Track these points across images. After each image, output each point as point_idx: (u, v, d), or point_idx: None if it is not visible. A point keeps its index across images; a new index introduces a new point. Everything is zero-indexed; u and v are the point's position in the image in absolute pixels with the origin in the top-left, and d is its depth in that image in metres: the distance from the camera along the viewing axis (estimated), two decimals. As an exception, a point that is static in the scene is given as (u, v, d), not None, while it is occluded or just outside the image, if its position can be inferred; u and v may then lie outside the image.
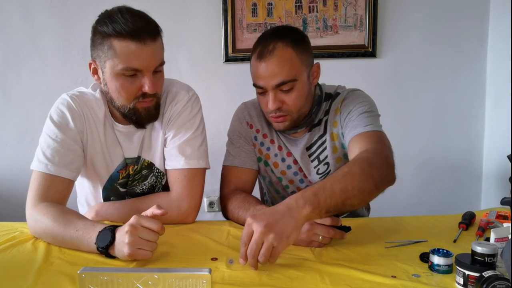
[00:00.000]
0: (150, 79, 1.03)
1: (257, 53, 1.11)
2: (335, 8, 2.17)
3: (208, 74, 2.21)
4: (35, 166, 1.06)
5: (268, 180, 1.34)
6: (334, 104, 1.22)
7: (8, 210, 2.23)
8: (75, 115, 1.10)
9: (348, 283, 0.78)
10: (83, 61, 2.18)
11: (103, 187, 1.20)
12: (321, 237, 0.94)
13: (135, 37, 0.98)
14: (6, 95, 2.21)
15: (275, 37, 1.11)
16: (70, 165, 1.08)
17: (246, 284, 0.78)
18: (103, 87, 1.09)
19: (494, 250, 0.76)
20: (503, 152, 2.12)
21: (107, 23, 1.00)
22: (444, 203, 2.26)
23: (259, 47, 1.11)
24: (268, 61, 1.09)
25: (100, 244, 0.87)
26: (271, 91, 1.11)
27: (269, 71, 1.09)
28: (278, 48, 1.09)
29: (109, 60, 1.01)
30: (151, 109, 1.09)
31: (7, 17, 2.15)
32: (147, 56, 1.01)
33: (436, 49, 2.23)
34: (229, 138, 1.32)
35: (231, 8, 2.14)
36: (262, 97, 1.16)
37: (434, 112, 2.29)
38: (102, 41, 1.01)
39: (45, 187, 1.03)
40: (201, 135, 1.18)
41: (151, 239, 0.85)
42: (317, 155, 1.25)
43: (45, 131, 1.10)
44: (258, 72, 1.11)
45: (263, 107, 1.19)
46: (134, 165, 1.19)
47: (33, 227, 1.01)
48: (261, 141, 1.29)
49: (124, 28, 0.98)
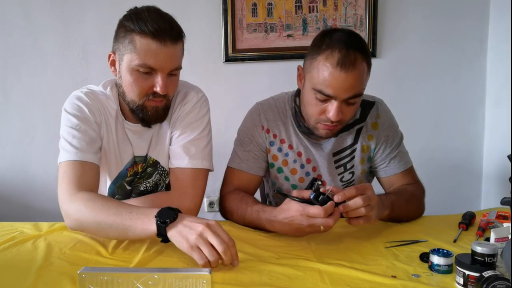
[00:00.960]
0: (164, 79, 1.04)
1: (336, 60, 1.02)
2: (335, 8, 2.17)
3: (208, 74, 2.21)
4: (63, 158, 1.05)
5: (278, 186, 1.30)
6: (369, 117, 1.22)
7: (8, 210, 2.24)
8: (92, 109, 1.11)
9: (348, 283, 0.78)
10: (83, 61, 2.18)
11: (111, 184, 1.21)
12: (322, 227, 0.93)
13: (157, 37, 1.00)
14: (6, 95, 2.21)
15: (354, 47, 1.04)
16: (97, 153, 1.09)
17: (246, 284, 0.78)
18: (118, 79, 1.10)
19: (494, 250, 0.76)
20: (503, 152, 2.12)
21: (133, 19, 1.02)
22: (444, 203, 2.26)
23: (338, 53, 1.02)
24: (350, 73, 1.02)
25: (161, 217, 0.86)
26: (339, 102, 1.06)
27: (348, 83, 1.03)
28: (358, 60, 1.03)
29: (128, 54, 1.03)
30: (159, 110, 1.10)
31: (7, 17, 2.15)
32: (165, 57, 1.02)
33: (436, 49, 2.23)
34: (239, 138, 1.27)
35: (231, 8, 2.14)
36: (319, 103, 1.08)
37: (434, 112, 2.29)
38: (125, 35, 1.03)
39: (77, 176, 1.02)
40: (207, 136, 1.18)
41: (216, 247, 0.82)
42: (345, 163, 1.24)
43: (66, 124, 1.09)
44: (335, 81, 1.03)
45: (314, 113, 1.11)
46: (142, 163, 1.20)
47: (75, 217, 0.97)
48: (279, 146, 1.24)
49: (148, 26, 1.00)
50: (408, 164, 1.26)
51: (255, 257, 0.91)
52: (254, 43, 2.16)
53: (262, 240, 1.01)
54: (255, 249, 0.95)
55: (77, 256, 0.92)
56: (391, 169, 1.24)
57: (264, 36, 2.16)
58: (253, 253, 0.93)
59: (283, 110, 1.25)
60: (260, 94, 1.31)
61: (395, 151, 1.24)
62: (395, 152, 1.24)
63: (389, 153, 1.24)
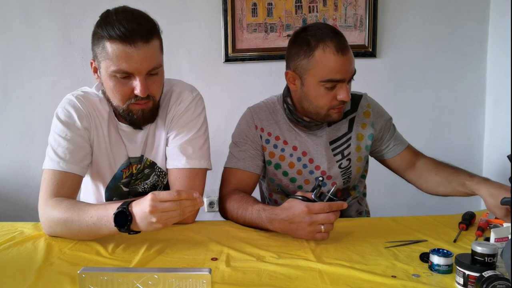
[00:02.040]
0: (142, 82, 1.02)
1: (334, 49, 1.12)
2: (335, 8, 2.17)
3: (208, 74, 2.21)
4: (46, 165, 1.07)
5: (277, 183, 1.33)
6: (360, 107, 1.30)
7: (8, 210, 2.24)
8: (81, 115, 1.11)
9: (348, 283, 0.78)
10: (83, 61, 2.18)
11: (106, 187, 1.20)
12: (323, 227, 0.94)
13: (125, 40, 0.97)
14: (6, 96, 2.21)
15: (337, 33, 1.15)
16: (81, 162, 1.10)
17: (246, 284, 0.78)
18: (102, 86, 1.10)
19: (494, 250, 0.76)
20: (503, 152, 2.12)
21: (102, 25, 1.00)
22: (444, 203, 2.25)
23: (331, 42, 1.12)
24: (347, 55, 1.14)
25: (120, 226, 0.89)
26: (346, 83, 1.16)
27: (349, 64, 1.15)
28: (347, 42, 1.15)
29: (104, 61, 1.02)
30: (146, 112, 1.08)
31: (8, 17, 2.15)
32: (138, 59, 0.99)
33: (436, 49, 2.23)
34: (233, 141, 1.31)
35: (231, 8, 2.14)
36: (328, 92, 1.16)
37: (434, 112, 2.28)
38: (98, 42, 1.02)
39: (55, 184, 1.05)
40: (203, 135, 1.18)
41: (173, 209, 0.86)
42: (342, 150, 1.30)
43: (54, 130, 1.10)
44: (341, 65, 1.13)
45: (325, 103, 1.18)
46: (137, 164, 1.20)
47: (47, 224, 1.01)
48: (274, 143, 1.29)
49: (116, 31, 0.97)
50: (406, 141, 1.38)
51: (255, 257, 0.91)
52: (254, 43, 2.16)
53: (262, 240, 1.01)
54: (255, 249, 0.95)
55: (77, 256, 0.92)
56: (398, 148, 1.35)
57: (264, 36, 2.16)
58: (253, 253, 0.93)
59: (274, 110, 1.31)
60: (260, 94, 1.31)
61: (394, 132, 1.36)
62: (394, 133, 1.36)
63: (390, 135, 1.34)
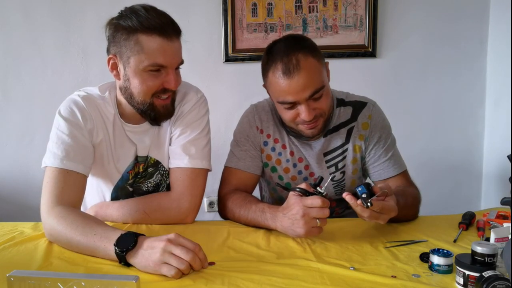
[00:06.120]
0: (174, 75, 1.05)
1: (280, 70, 1.06)
2: (335, 8, 2.17)
3: (208, 74, 2.21)
4: (49, 162, 1.03)
5: (272, 186, 1.33)
6: (360, 117, 1.24)
7: (8, 210, 2.24)
8: (85, 115, 1.09)
9: (348, 283, 0.78)
10: (83, 61, 2.18)
11: (114, 188, 1.20)
12: (318, 221, 0.94)
13: (163, 33, 0.99)
14: (6, 95, 2.21)
15: (292, 50, 1.07)
16: (84, 161, 1.06)
17: (246, 284, 0.78)
18: (123, 82, 1.07)
19: (494, 250, 0.76)
20: (503, 152, 2.12)
21: (133, 18, 1.00)
22: (444, 203, 2.26)
23: (280, 63, 1.07)
24: (298, 76, 1.05)
25: (119, 246, 0.83)
26: (304, 103, 1.09)
27: (301, 85, 1.06)
28: (301, 60, 1.06)
29: (135, 56, 1.01)
30: (169, 106, 1.11)
31: (7, 17, 2.15)
32: (172, 52, 1.02)
33: (436, 49, 2.23)
34: (235, 139, 1.30)
35: (231, 8, 2.14)
36: (289, 111, 1.12)
37: (434, 112, 2.28)
38: (128, 36, 1.00)
39: (59, 189, 1.00)
40: (206, 136, 1.19)
41: (183, 257, 0.80)
42: (336, 162, 1.25)
43: (57, 128, 1.07)
44: (288, 89, 1.07)
45: (289, 119, 1.15)
46: (143, 163, 1.20)
47: (49, 231, 0.98)
48: (272, 146, 1.27)
49: (152, 23, 0.99)
50: (402, 167, 1.26)
51: (255, 257, 0.91)
52: (254, 43, 2.16)
53: (262, 240, 1.01)
54: (255, 249, 0.96)
55: (77, 256, 0.92)
56: (385, 172, 1.24)
57: (264, 36, 2.16)
58: (253, 253, 0.93)
59: (276, 112, 1.27)
60: (260, 94, 1.31)
61: (388, 153, 1.24)
62: (388, 155, 1.24)
63: (382, 155, 1.24)
